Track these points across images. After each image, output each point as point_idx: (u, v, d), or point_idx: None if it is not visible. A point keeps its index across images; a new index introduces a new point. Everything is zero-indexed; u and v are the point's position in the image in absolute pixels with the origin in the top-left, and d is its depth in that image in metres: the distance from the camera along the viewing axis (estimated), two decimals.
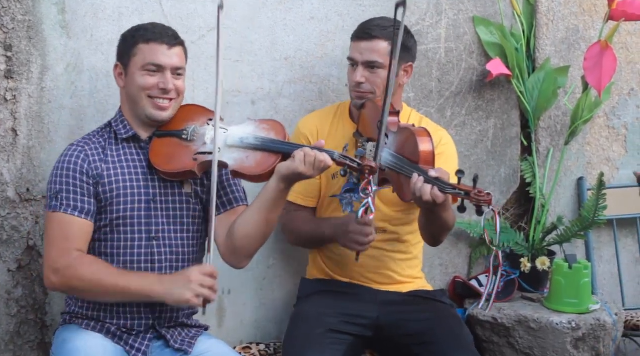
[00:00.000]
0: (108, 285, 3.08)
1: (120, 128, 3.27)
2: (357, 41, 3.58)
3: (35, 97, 3.55)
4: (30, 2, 3.51)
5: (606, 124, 4.51)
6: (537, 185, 4.29)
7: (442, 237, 3.56)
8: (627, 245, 4.59)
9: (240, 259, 3.29)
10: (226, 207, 3.34)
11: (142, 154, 3.26)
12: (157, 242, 3.21)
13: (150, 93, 3.21)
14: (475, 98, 4.26)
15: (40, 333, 3.66)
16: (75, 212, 3.13)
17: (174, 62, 3.23)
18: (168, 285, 3.06)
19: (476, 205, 3.07)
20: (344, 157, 3.17)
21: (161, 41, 3.21)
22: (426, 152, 3.25)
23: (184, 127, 3.27)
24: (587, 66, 4.05)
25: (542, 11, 4.33)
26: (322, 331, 3.44)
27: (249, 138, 3.21)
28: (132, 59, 3.22)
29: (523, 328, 4.02)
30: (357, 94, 3.58)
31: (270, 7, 3.88)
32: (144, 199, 3.21)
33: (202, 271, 3.05)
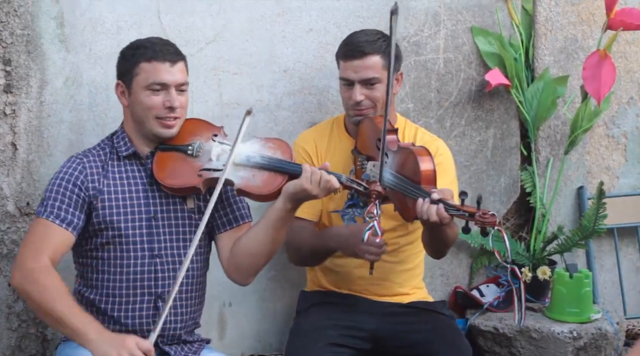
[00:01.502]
0: (53, 308, 2.99)
1: (121, 145, 3.26)
2: (349, 60, 3.54)
3: (34, 111, 3.56)
4: (29, 17, 3.52)
5: (606, 133, 4.51)
6: (537, 195, 4.29)
7: (445, 250, 3.57)
8: (628, 253, 4.58)
9: (244, 277, 3.30)
10: (232, 224, 3.32)
11: (142, 170, 3.24)
12: (160, 259, 3.20)
13: (158, 114, 3.19)
14: (474, 109, 4.27)
15: (42, 347, 3.65)
16: (57, 219, 3.11)
17: (178, 78, 3.21)
18: (101, 339, 2.95)
19: (480, 226, 3.08)
20: (351, 180, 3.17)
21: (163, 59, 3.18)
22: (427, 171, 3.25)
23: (189, 142, 3.25)
24: (585, 75, 4.06)
25: (541, 21, 4.34)
26: (322, 345, 3.43)
27: (255, 157, 3.20)
28: (134, 79, 3.20)
29: (524, 338, 4.02)
30: (357, 113, 3.56)
31: (269, 19, 3.89)
32: (145, 217, 3.20)
33: (139, 344, 2.96)
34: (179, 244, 3.24)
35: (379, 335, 3.57)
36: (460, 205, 3.12)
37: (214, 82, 3.82)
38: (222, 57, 3.82)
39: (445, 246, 3.51)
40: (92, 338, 2.96)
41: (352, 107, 3.56)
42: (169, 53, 3.21)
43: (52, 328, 3.16)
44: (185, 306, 3.26)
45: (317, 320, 3.54)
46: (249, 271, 3.28)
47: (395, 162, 3.37)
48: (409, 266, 3.70)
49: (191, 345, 3.30)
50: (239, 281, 3.32)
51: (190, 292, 3.27)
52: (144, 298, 3.20)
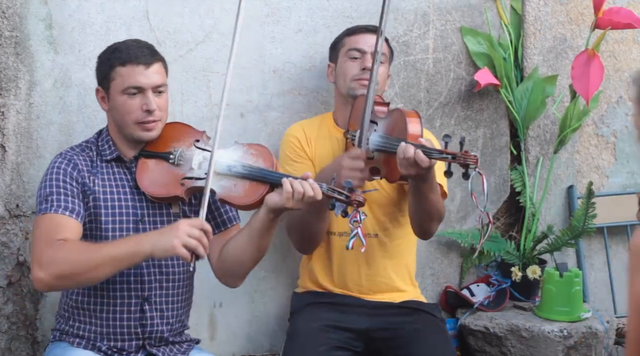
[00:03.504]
0: (96, 258, 2.99)
1: (105, 148, 3.24)
2: (363, 33, 3.65)
3: (23, 113, 3.55)
4: (18, 19, 3.51)
5: (595, 132, 4.52)
6: (527, 194, 4.30)
7: (431, 226, 3.56)
8: (618, 252, 4.59)
9: (232, 281, 3.31)
10: (220, 227, 3.32)
11: (128, 173, 3.23)
12: (147, 262, 3.18)
13: (136, 118, 3.16)
14: (464, 108, 4.27)
15: (32, 349, 3.65)
16: (66, 211, 3.09)
17: (153, 80, 3.17)
18: (154, 236, 3.00)
19: (463, 165, 3.09)
20: (332, 190, 3.14)
21: (137, 62, 3.15)
22: (414, 128, 3.30)
23: (170, 149, 3.23)
24: (574, 75, 4.06)
25: (530, 20, 4.35)
26: (325, 348, 3.43)
27: (236, 167, 3.18)
28: (111, 83, 3.17)
29: (515, 337, 4.03)
30: (363, 82, 3.58)
31: (258, 20, 3.89)
32: (132, 219, 3.19)
33: (191, 223, 3.00)
34: None
35: (370, 335, 3.57)
36: (443, 149, 3.14)
37: (204, 83, 3.82)
38: (212, 58, 3.82)
39: (430, 218, 3.50)
40: (149, 248, 2.98)
41: (359, 76, 3.60)
42: (143, 55, 3.17)
43: (109, 273, 3.05)
44: (172, 309, 3.25)
45: (314, 321, 3.53)
46: (236, 276, 3.29)
47: (385, 126, 3.42)
48: (398, 261, 3.70)
49: (180, 345, 3.30)
50: (228, 284, 3.33)
51: (177, 295, 3.26)
52: (131, 301, 3.18)
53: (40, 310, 3.62)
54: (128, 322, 3.19)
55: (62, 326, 3.24)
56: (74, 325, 3.21)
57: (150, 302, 3.20)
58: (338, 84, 3.69)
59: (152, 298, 3.20)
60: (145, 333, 3.21)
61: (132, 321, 3.19)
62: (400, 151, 3.20)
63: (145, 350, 3.22)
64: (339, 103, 3.74)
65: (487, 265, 4.33)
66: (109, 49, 3.24)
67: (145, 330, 3.20)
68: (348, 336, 3.54)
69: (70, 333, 3.22)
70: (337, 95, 3.75)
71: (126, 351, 3.20)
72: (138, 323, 3.19)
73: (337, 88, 3.71)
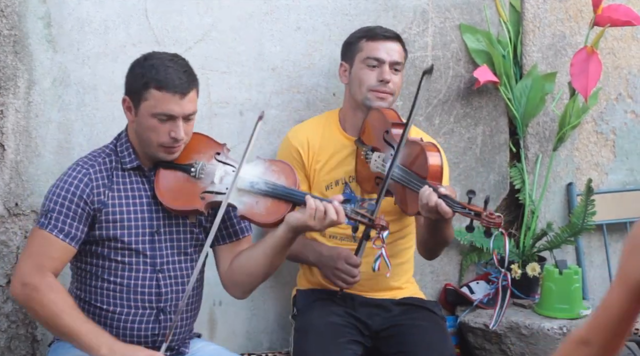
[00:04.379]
0: (61, 323, 3.01)
1: (125, 155, 3.18)
2: (383, 41, 3.60)
3: (22, 112, 3.55)
4: (16, 17, 3.51)
5: (594, 129, 4.52)
6: (526, 192, 4.30)
7: (439, 251, 3.61)
8: (618, 249, 4.58)
9: (240, 293, 3.31)
10: (232, 237, 3.30)
11: (146, 183, 3.18)
12: (162, 274, 3.17)
13: (162, 143, 3.10)
14: (463, 106, 4.27)
15: (31, 347, 3.65)
16: (61, 234, 3.06)
17: (186, 110, 3.09)
18: (114, 354, 2.99)
19: (486, 226, 3.09)
20: (356, 213, 3.15)
21: (174, 91, 3.05)
22: (435, 166, 3.29)
23: (192, 161, 3.18)
24: (573, 72, 4.06)
25: (529, 18, 4.34)
26: (344, 341, 3.44)
27: (259, 184, 3.16)
28: (142, 102, 3.08)
29: (515, 334, 4.02)
30: (380, 95, 3.58)
31: (257, 18, 3.88)
32: (148, 231, 3.16)
33: None
34: (180, 258, 3.21)
35: (376, 331, 3.58)
36: (466, 204, 3.14)
37: (203, 81, 3.76)
38: (211, 56, 3.82)
39: (441, 246, 3.55)
40: (105, 353, 2.98)
41: (376, 88, 3.58)
42: (181, 83, 3.06)
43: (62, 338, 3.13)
44: (181, 320, 3.23)
45: (325, 316, 3.53)
46: (244, 289, 3.29)
47: (402, 155, 3.39)
48: (400, 260, 3.71)
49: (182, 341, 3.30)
50: (235, 295, 3.33)
51: (187, 306, 3.24)
52: (146, 311, 3.17)
53: None
54: (138, 332, 3.17)
55: None
56: None
57: (165, 312, 3.19)
58: (352, 89, 3.65)
59: (168, 308, 3.20)
60: (157, 343, 3.18)
61: (143, 332, 3.17)
62: (424, 197, 3.19)
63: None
64: (349, 106, 3.70)
65: (486, 262, 4.33)
66: (145, 62, 3.12)
67: (157, 339, 3.18)
68: (358, 332, 3.55)
69: None
70: (348, 97, 3.70)
71: None
72: (149, 333, 3.17)
73: (350, 92, 3.67)
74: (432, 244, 3.54)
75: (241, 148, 3.80)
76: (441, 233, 3.41)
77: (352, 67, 3.64)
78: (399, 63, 3.61)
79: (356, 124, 3.65)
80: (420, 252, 3.65)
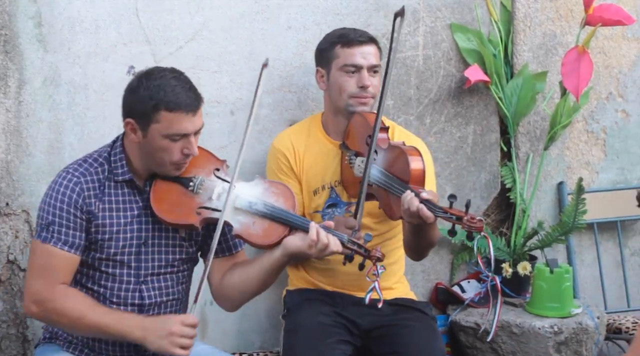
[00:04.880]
0: (88, 323, 3.03)
1: (118, 167, 3.13)
2: (357, 46, 3.58)
3: (13, 111, 3.55)
4: (7, 16, 3.50)
5: (585, 129, 4.53)
6: (517, 191, 4.30)
7: (426, 253, 3.61)
8: (608, 248, 4.60)
9: (230, 307, 3.33)
10: (224, 252, 3.28)
11: (137, 195, 3.15)
12: (146, 285, 3.16)
13: (175, 161, 3.07)
14: (454, 105, 4.27)
15: (22, 347, 3.65)
16: (65, 246, 3.05)
17: (198, 125, 3.06)
18: (149, 333, 3.00)
19: (467, 230, 3.09)
20: (352, 242, 3.15)
21: (186, 110, 3.01)
22: (417, 170, 3.28)
23: (191, 175, 3.14)
24: (564, 71, 4.07)
25: (519, 17, 4.35)
26: (332, 341, 3.44)
27: (257, 205, 3.14)
28: (152, 124, 3.02)
29: (506, 333, 4.03)
30: (361, 100, 3.57)
31: (248, 17, 3.88)
32: (135, 242, 3.14)
33: (184, 323, 3.01)
34: (166, 270, 3.19)
35: (366, 331, 3.58)
36: (448, 208, 3.14)
37: (194, 80, 3.71)
38: (202, 56, 3.82)
39: (427, 249, 3.56)
40: (140, 335, 3.01)
41: (357, 94, 3.57)
42: (191, 101, 3.03)
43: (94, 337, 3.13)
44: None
45: (314, 316, 3.53)
46: (234, 304, 3.31)
47: (384, 160, 3.39)
48: (388, 261, 3.70)
49: None
50: (225, 309, 3.35)
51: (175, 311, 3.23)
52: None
53: None
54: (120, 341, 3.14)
55: (54, 329, 3.22)
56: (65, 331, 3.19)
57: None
58: (332, 96, 3.64)
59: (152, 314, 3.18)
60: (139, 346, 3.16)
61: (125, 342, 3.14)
62: (405, 202, 3.20)
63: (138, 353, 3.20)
64: (330, 111, 3.69)
65: (477, 262, 4.33)
66: (149, 82, 3.03)
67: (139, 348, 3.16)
68: (348, 332, 3.55)
69: (62, 338, 3.20)
70: (328, 103, 3.70)
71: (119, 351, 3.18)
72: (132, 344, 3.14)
73: (331, 98, 3.66)
74: (417, 246, 3.55)
75: (233, 147, 3.85)
76: (425, 236, 3.42)
77: (330, 74, 3.63)
78: (377, 65, 3.60)
79: (339, 128, 3.65)
80: (407, 254, 3.66)
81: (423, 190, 3.23)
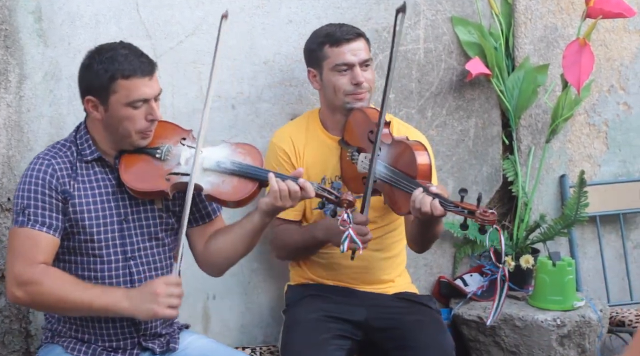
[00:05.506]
0: (73, 300, 3.02)
1: (85, 147, 3.16)
2: (345, 44, 3.56)
3: (13, 106, 3.55)
4: (7, 11, 3.50)
5: (587, 121, 4.52)
6: (519, 184, 4.30)
7: (429, 245, 3.62)
8: (611, 241, 4.60)
9: (216, 272, 3.34)
10: (204, 219, 3.30)
11: (109, 172, 3.17)
12: (134, 261, 3.17)
13: (140, 128, 3.10)
14: (455, 98, 4.27)
15: (25, 342, 3.65)
16: (43, 227, 3.05)
17: (156, 89, 3.11)
18: (135, 301, 3.00)
19: (480, 224, 3.09)
20: (322, 189, 3.16)
21: (142, 74, 3.06)
22: (424, 165, 3.28)
23: (158, 145, 3.18)
24: (565, 64, 4.06)
25: (520, 10, 4.34)
26: (327, 336, 3.44)
27: (225, 163, 3.16)
28: (111, 96, 3.06)
29: (508, 326, 4.03)
30: (357, 97, 3.56)
31: (248, 11, 3.88)
32: (116, 219, 3.15)
33: (167, 282, 3.02)
34: (151, 244, 3.21)
35: (368, 325, 3.58)
36: (459, 202, 3.14)
37: (194, 75, 3.81)
38: (202, 50, 3.81)
39: (431, 241, 3.56)
40: (126, 306, 3.01)
41: (352, 91, 3.57)
42: (145, 67, 3.08)
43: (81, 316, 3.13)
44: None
45: (312, 312, 3.54)
46: (221, 269, 3.32)
47: (389, 155, 3.38)
48: (391, 253, 3.71)
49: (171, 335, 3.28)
50: (211, 275, 3.35)
51: None
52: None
53: None
54: (121, 323, 3.16)
55: (55, 326, 3.22)
56: (65, 325, 3.19)
57: None
58: (327, 95, 3.63)
59: None
60: (140, 331, 3.19)
61: (125, 321, 3.16)
62: (417, 201, 3.19)
63: (140, 346, 3.21)
64: (327, 108, 3.69)
65: (480, 254, 4.33)
66: (101, 57, 3.09)
67: (139, 327, 3.19)
68: (347, 326, 3.55)
69: (63, 334, 3.20)
70: (324, 101, 3.69)
71: (122, 349, 3.18)
72: (131, 321, 3.16)
73: (326, 97, 3.65)
74: (422, 240, 3.55)
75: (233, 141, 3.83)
76: (431, 229, 3.42)
77: (322, 74, 3.62)
78: (368, 59, 3.59)
79: (337, 125, 3.65)
80: (410, 247, 3.66)
81: (431, 185, 3.23)
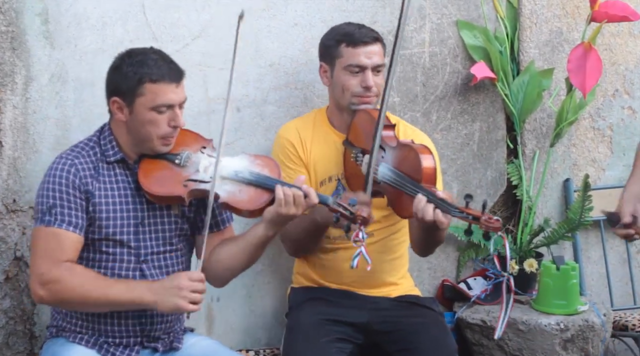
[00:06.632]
0: (97, 296, 3.06)
1: (109, 148, 3.21)
2: (361, 46, 3.56)
3: (20, 108, 3.55)
4: (14, 13, 3.51)
5: (591, 125, 4.53)
6: (523, 188, 4.31)
7: (433, 250, 3.62)
8: (615, 245, 4.60)
9: (218, 283, 3.36)
10: (213, 229, 3.31)
11: (130, 175, 3.20)
12: (147, 264, 3.19)
13: (163, 134, 3.14)
14: (460, 102, 4.28)
15: (29, 343, 3.65)
16: (70, 226, 3.09)
17: (182, 97, 3.16)
18: (159, 294, 3.04)
19: (485, 230, 3.09)
20: (338, 204, 3.16)
21: (170, 80, 3.11)
22: (429, 169, 3.27)
23: (178, 152, 3.21)
24: (571, 68, 4.07)
25: (525, 14, 4.35)
26: (328, 340, 3.45)
27: (243, 173, 3.19)
28: (137, 98, 3.11)
29: (512, 330, 4.03)
30: (363, 100, 3.57)
31: (254, 14, 3.88)
32: (133, 222, 3.18)
33: (191, 278, 3.05)
34: (165, 249, 3.24)
35: (370, 328, 3.58)
36: (464, 208, 3.13)
37: (200, 77, 3.82)
38: (208, 53, 3.82)
39: (435, 246, 3.56)
40: (151, 299, 3.04)
41: (360, 94, 3.57)
42: (174, 73, 3.14)
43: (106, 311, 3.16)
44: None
45: (314, 315, 3.54)
46: (223, 281, 3.35)
47: (394, 158, 3.38)
48: (394, 255, 3.71)
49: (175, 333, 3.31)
50: (214, 285, 3.36)
51: None
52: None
53: (37, 305, 3.62)
54: (126, 320, 3.19)
55: (59, 322, 3.24)
56: (71, 321, 3.21)
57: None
58: (335, 93, 3.64)
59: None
60: (145, 331, 3.22)
61: (131, 319, 3.19)
62: (419, 211, 3.18)
63: (143, 345, 3.23)
64: (334, 106, 3.70)
65: (484, 258, 4.33)
66: (132, 60, 3.14)
67: (144, 328, 3.21)
68: (348, 330, 3.55)
69: (68, 329, 3.22)
70: (332, 99, 3.71)
71: (124, 345, 3.20)
72: (137, 321, 3.19)
73: (334, 95, 3.67)
74: (426, 245, 3.55)
75: (239, 144, 3.85)
76: (435, 235, 3.42)
77: (333, 71, 3.63)
78: (381, 65, 3.59)
79: (344, 123, 3.65)
80: (414, 249, 3.67)
81: (436, 189, 3.23)
